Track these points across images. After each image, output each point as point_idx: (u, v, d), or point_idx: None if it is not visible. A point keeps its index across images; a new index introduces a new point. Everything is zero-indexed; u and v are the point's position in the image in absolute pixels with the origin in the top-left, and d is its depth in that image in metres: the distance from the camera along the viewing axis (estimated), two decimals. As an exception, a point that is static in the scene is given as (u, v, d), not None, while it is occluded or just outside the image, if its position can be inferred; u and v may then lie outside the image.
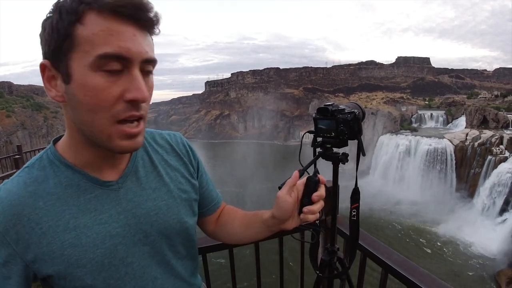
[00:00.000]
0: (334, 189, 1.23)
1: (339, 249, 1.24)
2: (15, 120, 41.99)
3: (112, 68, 0.63)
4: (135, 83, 0.65)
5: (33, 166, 0.75)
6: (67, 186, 0.73)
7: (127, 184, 0.81)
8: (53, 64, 0.66)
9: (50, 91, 0.68)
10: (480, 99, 51.09)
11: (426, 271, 1.28)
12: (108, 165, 0.78)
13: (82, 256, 0.72)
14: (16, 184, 0.72)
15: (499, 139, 27.86)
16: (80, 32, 0.61)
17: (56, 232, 0.70)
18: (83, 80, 0.63)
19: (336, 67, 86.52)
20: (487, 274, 19.78)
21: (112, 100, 0.64)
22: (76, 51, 0.62)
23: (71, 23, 0.61)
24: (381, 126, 42.12)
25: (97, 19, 0.61)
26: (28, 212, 0.70)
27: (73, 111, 0.68)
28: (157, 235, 0.83)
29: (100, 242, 0.74)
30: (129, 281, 0.79)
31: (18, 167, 5.79)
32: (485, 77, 78.99)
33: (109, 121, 0.66)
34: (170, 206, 0.86)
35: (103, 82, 0.63)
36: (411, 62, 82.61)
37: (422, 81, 75.74)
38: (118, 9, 0.62)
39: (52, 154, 0.76)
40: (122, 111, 0.66)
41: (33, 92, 65.11)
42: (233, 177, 43.64)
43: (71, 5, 0.61)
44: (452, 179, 30.53)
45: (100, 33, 0.61)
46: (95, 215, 0.75)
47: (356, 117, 1.01)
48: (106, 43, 0.61)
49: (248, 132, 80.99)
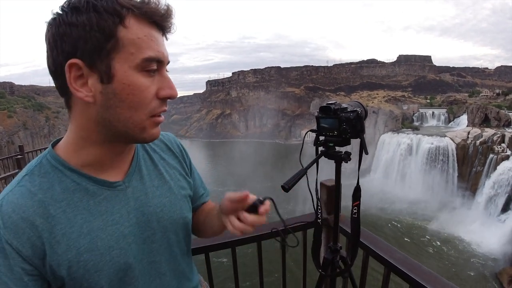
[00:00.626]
0: (336, 188, 1.23)
1: (341, 248, 1.25)
2: (16, 121, 42.03)
3: (152, 68, 0.69)
4: (167, 82, 0.73)
5: (33, 173, 0.73)
6: (75, 191, 0.73)
7: (132, 183, 0.82)
8: (88, 63, 0.65)
9: (78, 91, 0.67)
10: (482, 97, 50.93)
11: (428, 269, 1.28)
12: (114, 165, 0.79)
13: (99, 260, 0.72)
14: (20, 195, 0.69)
15: (501, 138, 27.75)
16: (124, 34, 0.65)
17: (71, 239, 0.70)
18: (129, 80, 0.67)
19: (337, 65, 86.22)
20: (489, 273, 19.74)
21: (151, 97, 0.71)
22: (121, 52, 0.65)
23: (115, 24, 0.64)
24: (382, 125, 42.01)
25: (139, 23, 0.67)
26: (40, 223, 0.68)
27: (107, 110, 0.68)
28: (164, 232, 0.86)
29: (115, 243, 0.75)
30: (142, 278, 0.80)
31: (20, 167, 5.78)
32: (487, 75, 78.64)
33: (146, 116, 0.71)
34: (173, 202, 0.89)
35: (146, 82, 0.69)
36: (413, 60, 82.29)
37: (423, 80, 75.49)
38: (153, 17, 0.68)
39: (54, 159, 0.74)
40: (157, 107, 0.73)
41: (34, 92, 65.26)
42: (234, 177, 43.61)
43: (113, 7, 0.64)
44: (454, 177, 30.44)
45: (144, 38, 0.67)
46: (106, 217, 0.75)
47: (359, 116, 1.02)
48: (149, 48, 0.67)
49: (250, 131, 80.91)
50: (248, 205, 0.79)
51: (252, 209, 0.79)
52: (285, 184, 0.93)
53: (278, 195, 4.80)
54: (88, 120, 0.71)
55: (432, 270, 1.28)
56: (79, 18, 0.63)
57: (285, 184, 0.93)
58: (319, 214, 1.21)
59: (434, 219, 26.95)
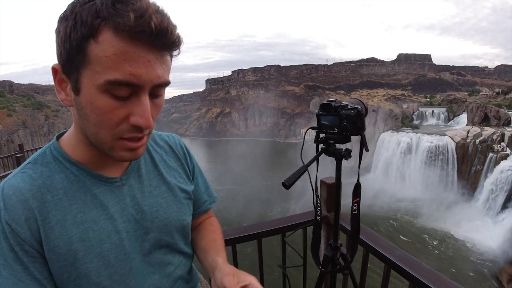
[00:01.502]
0: (336, 185, 1.23)
1: (342, 245, 1.25)
2: (16, 119, 42.03)
3: (119, 94, 0.62)
4: (141, 109, 0.64)
5: (36, 162, 0.74)
6: (73, 182, 0.73)
7: (130, 181, 0.82)
8: (64, 71, 0.64)
9: (60, 93, 0.67)
10: (482, 96, 50.99)
11: (428, 267, 1.29)
12: (112, 162, 0.79)
13: (89, 251, 0.71)
14: (21, 180, 0.71)
15: (501, 136, 27.82)
16: (93, 49, 0.58)
17: (64, 226, 0.70)
18: (91, 99, 0.62)
19: (337, 64, 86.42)
20: (488, 271, 19.79)
21: (118, 120, 0.64)
22: (87, 68, 0.60)
23: (85, 38, 0.58)
24: (382, 124, 42.07)
25: (112, 39, 0.58)
26: (37, 206, 0.69)
27: (80, 118, 0.68)
28: (157, 232, 0.84)
29: (107, 237, 0.74)
30: (133, 277, 0.79)
31: (20, 165, 5.78)
32: (487, 74, 78.75)
33: (112, 137, 0.66)
34: (170, 203, 0.88)
35: (109, 104, 0.62)
36: (412, 59, 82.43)
37: (423, 78, 75.62)
38: (138, 34, 0.58)
39: (56, 150, 0.76)
40: (126, 131, 0.66)
41: (34, 91, 65.23)
42: (233, 175, 43.70)
43: (86, 17, 0.57)
44: (453, 176, 30.50)
45: (113, 57, 0.58)
46: (101, 210, 0.75)
47: (359, 113, 1.02)
48: (117, 69, 0.59)
49: (249, 130, 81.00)
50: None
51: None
52: (286, 181, 0.93)
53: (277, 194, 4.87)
54: (76, 120, 0.72)
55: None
56: (61, 25, 0.61)
57: (286, 181, 0.93)
58: (318, 212, 1.21)
59: (433, 217, 27.00)
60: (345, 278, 1.71)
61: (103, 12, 0.57)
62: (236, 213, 28.60)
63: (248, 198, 34.12)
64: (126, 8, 0.57)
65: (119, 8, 0.57)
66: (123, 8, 0.57)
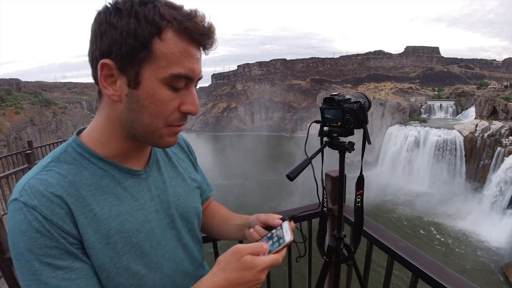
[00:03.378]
0: (340, 178, 1.25)
1: (345, 236, 1.27)
2: (24, 117, 42.53)
3: (178, 86, 0.70)
4: (191, 99, 0.74)
5: (59, 160, 0.74)
6: (103, 177, 0.75)
7: (152, 173, 0.87)
8: (119, 66, 0.67)
9: (106, 89, 0.69)
10: (490, 89, 50.27)
11: (431, 258, 1.30)
12: (135, 156, 0.83)
13: (127, 242, 0.75)
14: (49, 176, 0.70)
15: (509, 130, 27.49)
16: (159, 47, 0.66)
17: (101, 220, 0.72)
18: (153, 91, 0.68)
19: (343, 57, 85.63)
20: (495, 266, 19.69)
21: (172, 109, 0.72)
22: (151, 63, 0.66)
23: (151, 35, 0.65)
24: (389, 117, 41.68)
25: (175, 38, 0.66)
26: (72, 202, 0.69)
27: (130, 112, 0.71)
28: (181, 219, 0.91)
29: (141, 226, 0.78)
30: (165, 264, 0.84)
31: (29, 161, 5.81)
32: (495, 67, 77.45)
33: (164, 125, 0.73)
34: (187, 192, 0.95)
35: (168, 95, 0.70)
36: (420, 51, 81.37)
37: (431, 71, 74.66)
38: (193, 35, 0.68)
39: (80, 147, 0.76)
40: (177, 119, 0.74)
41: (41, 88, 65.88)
42: (238, 170, 43.77)
43: (153, 17, 0.64)
44: (461, 170, 30.26)
45: (177, 54, 0.67)
46: (132, 202, 0.79)
47: (362, 107, 1.03)
48: (179, 64, 0.68)
49: (255, 124, 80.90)
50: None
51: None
52: (290, 173, 0.95)
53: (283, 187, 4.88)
54: (114, 115, 0.74)
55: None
56: (119, 21, 0.64)
57: (290, 173, 0.95)
58: (324, 203, 1.23)
59: (441, 212, 26.87)
60: (349, 268, 1.73)
61: (166, 15, 0.65)
62: (241, 207, 28.73)
63: (253, 192, 34.23)
64: (181, 12, 0.67)
65: (178, 13, 0.67)
66: (181, 13, 0.67)
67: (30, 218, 0.64)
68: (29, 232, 0.64)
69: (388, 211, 27.96)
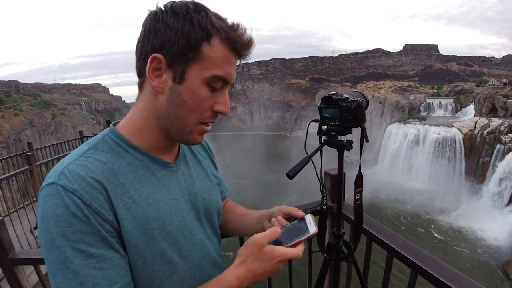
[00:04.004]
0: (339, 176, 1.26)
1: (345, 233, 1.29)
2: (23, 118, 42.51)
3: (216, 86, 0.77)
4: (224, 100, 0.82)
5: (97, 148, 0.77)
6: (138, 166, 0.79)
7: (181, 167, 0.92)
8: (169, 62, 0.73)
9: (152, 80, 0.75)
10: (489, 86, 50.32)
11: (430, 254, 1.30)
12: (167, 149, 0.88)
13: (163, 229, 0.78)
14: (89, 162, 0.72)
15: (508, 128, 27.54)
16: (207, 50, 0.73)
17: (140, 206, 0.75)
18: (195, 87, 0.75)
19: (342, 56, 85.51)
20: (495, 263, 19.72)
21: (207, 107, 0.79)
22: (198, 63, 0.73)
23: (202, 39, 0.72)
24: (389, 115, 41.70)
25: (221, 45, 0.74)
26: (112, 188, 0.71)
27: (170, 104, 0.77)
28: (206, 212, 0.96)
29: (175, 215, 0.82)
30: (195, 253, 0.88)
31: (30, 163, 5.72)
32: (494, 65, 77.40)
33: (197, 121, 0.80)
34: (211, 188, 1.01)
35: (206, 94, 0.77)
36: (419, 49, 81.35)
37: (430, 69, 74.66)
38: (236, 45, 0.76)
39: (117, 137, 0.80)
40: (208, 117, 0.81)
41: (40, 90, 65.80)
42: (238, 169, 43.75)
43: (205, 24, 0.72)
44: (461, 168, 30.30)
45: (221, 59, 0.75)
46: (166, 192, 0.82)
47: (359, 105, 1.05)
48: (221, 67, 0.75)
49: (255, 124, 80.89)
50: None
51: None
52: (290, 171, 0.96)
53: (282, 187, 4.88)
54: (154, 106, 0.79)
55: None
56: (175, 22, 0.71)
57: (290, 172, 0.96)
58: (324, 201, 1.25)
59: (440, 209, 26.90)
60: (349, 266, 1.75)
61: (216, 24, 0.73)
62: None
63: (252, 192, 34.25)
64: (227, 23, 0.75)
65: (224, 23, 0.75)
66: (227, 24, 0.75)
67: (68, 202, 0.64)
68: (65, 217, 0.63)
69: (387, 209, 27.99)
